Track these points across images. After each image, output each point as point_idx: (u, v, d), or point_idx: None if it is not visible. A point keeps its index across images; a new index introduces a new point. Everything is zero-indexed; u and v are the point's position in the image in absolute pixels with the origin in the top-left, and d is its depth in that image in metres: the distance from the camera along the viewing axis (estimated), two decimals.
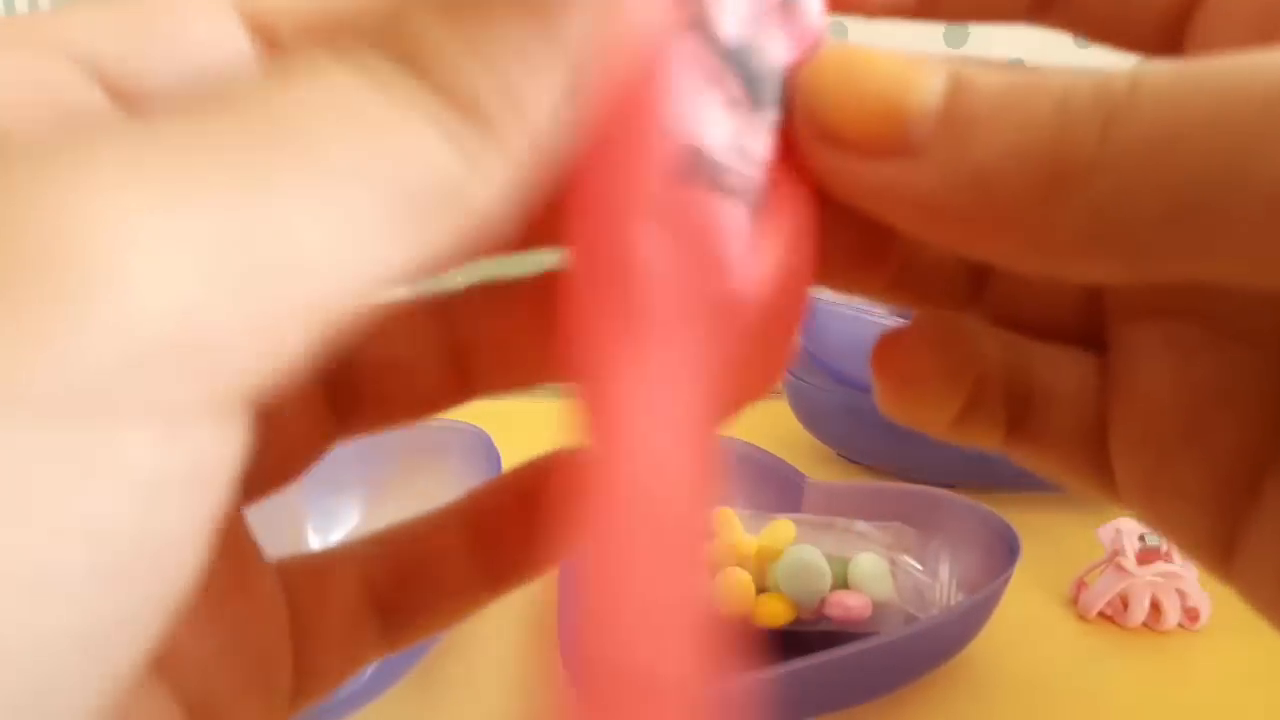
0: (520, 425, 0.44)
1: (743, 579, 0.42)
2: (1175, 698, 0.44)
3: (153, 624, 0.10)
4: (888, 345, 0.18)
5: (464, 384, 0.18)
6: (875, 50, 0.13)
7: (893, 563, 0.44)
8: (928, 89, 0.13)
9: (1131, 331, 0.17)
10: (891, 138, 0.13)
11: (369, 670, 0.39)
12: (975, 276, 0.18)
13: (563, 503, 0.14)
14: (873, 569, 0.43)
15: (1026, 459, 0.18)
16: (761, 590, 0.43)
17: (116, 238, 0.09)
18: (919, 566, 0.46)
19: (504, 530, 0.18)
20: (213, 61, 0.13)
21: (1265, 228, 0.11)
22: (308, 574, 0.17)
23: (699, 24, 0.13)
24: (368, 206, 0.10)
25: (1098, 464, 0.17)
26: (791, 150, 0.14)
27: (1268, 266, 0.11)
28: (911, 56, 0.13)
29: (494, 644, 0.46)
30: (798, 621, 0.42)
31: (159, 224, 0.09)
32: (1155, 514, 0.16)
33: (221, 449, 0.10)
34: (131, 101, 0.13)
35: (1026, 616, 0.48)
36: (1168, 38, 0.16)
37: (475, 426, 0.53)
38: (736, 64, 0.13)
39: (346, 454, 0.50)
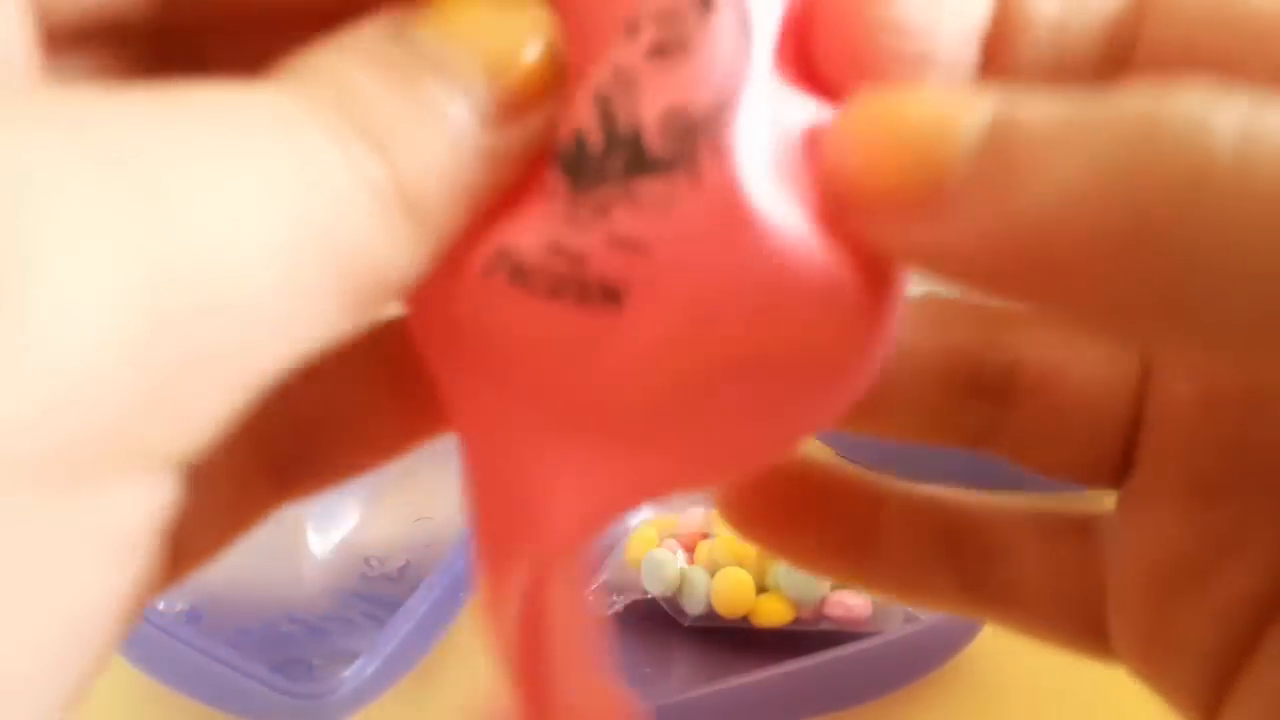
0: None
1: (743, 579, 0.42)
2: None
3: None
4: (738, 507, 0.17)
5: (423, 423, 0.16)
6: (919, 88, 0.12)
7: None
8: (969, 127, 0.10)
9: (1156, 472, 0.16)
10: (920, 192, 0.10)
11: (369, 670, 0.39)
12: (990, 403, 0.16)
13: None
14: None
15: (990, 615, 0.17)
16: (761, 590, 0.43)
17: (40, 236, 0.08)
18: None
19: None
20: None
21: None
22: None
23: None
24: (301, 254, 0.10)
25: (1083, 621, 0.16)
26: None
27: None
28: (961, 90, 0.11)
29: None
30: (798, 621, 0.42)
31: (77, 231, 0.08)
32: (1151, 667, 0.16)
33: (139, 508, 0.09)
34: None
35: None
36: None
37: None
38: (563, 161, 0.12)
39: None
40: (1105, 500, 0.17)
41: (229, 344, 0.09)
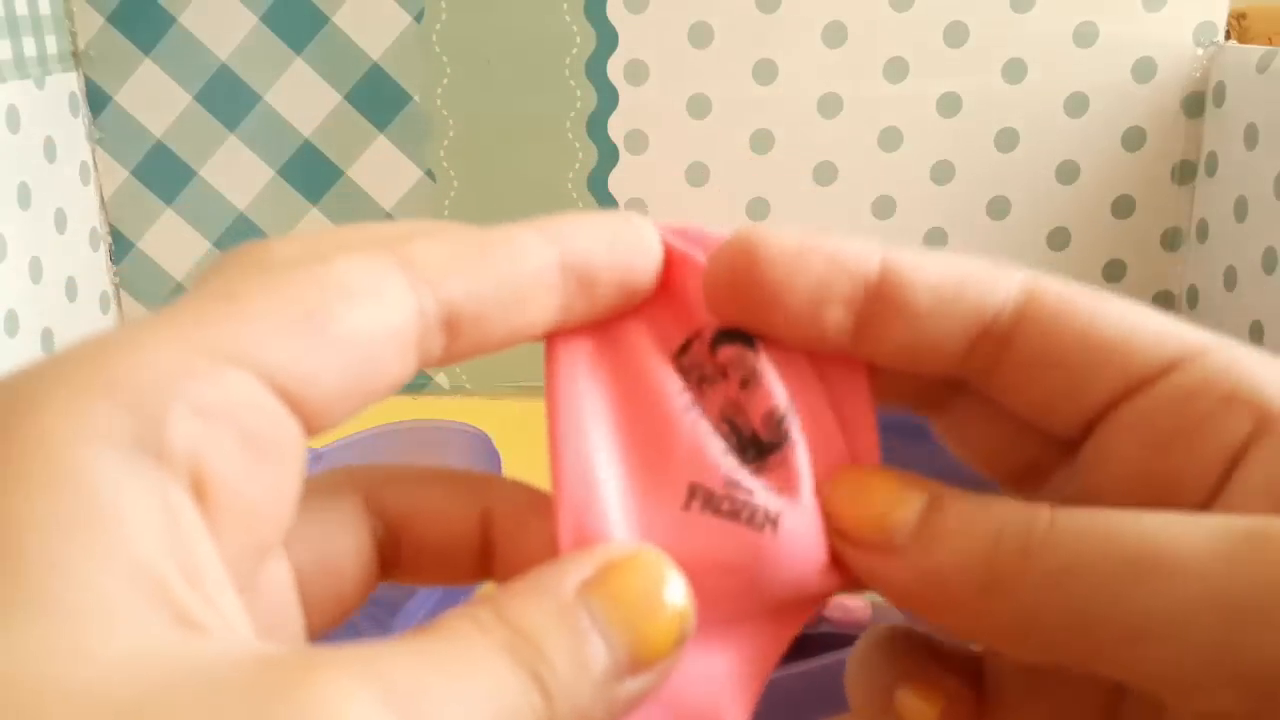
0: (520, 425, 0.44)
1: None
2: None
3: None
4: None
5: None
6: (875, 470, 0.19)
7: None
8: (910, 507, 0.18)
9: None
10: (881, 541, 0.18)
11: None
12: None
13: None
14: None
15: None
16: None
17: None
18: None
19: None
20: (390, 367, 0.15)
21: (1126, 650, 0.15)
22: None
23: None
24: None
25: None
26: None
27: (1137, 677, 0.16)
28: (902, 477, 0.18)
29: None
30: None
31: None
32: None
33: None
34: (304, 408, 0.15)
35: None
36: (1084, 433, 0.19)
37: (475, 427, 0.53)
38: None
39: (347, 454, 0.50)
40: None
41: None
